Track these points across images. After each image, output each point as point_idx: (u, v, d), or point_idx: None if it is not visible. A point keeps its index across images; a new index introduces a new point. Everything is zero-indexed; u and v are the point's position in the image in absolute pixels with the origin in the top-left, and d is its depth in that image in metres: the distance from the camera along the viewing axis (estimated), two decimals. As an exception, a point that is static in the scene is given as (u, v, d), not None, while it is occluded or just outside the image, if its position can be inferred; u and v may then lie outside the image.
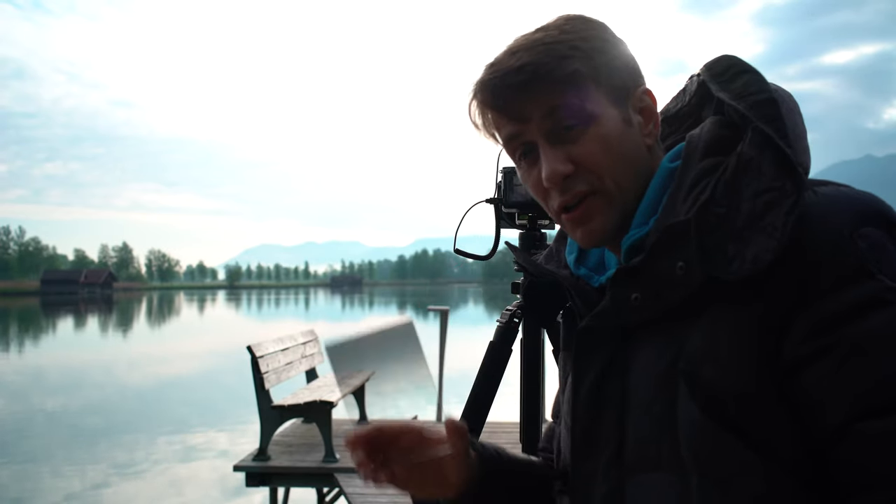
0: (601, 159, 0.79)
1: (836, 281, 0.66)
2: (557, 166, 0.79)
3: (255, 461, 5.64)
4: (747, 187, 0.70)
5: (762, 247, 0.67)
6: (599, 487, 0.80)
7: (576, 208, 0.81)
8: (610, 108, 0.80)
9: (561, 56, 0.78)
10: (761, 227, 0.68)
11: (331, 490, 6.25)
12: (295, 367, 6.71)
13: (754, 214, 0.69)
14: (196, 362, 20.54)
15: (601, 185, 0.80)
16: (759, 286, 0.68)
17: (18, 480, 8.30)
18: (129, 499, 7.59)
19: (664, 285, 0.73)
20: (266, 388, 5.74)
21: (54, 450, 9.76)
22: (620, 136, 0.80)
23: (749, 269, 0.67)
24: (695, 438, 0.69)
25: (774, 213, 0.68)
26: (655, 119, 0.85)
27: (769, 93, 0.74)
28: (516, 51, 0.80)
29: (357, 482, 5.20)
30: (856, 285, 0.65)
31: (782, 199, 0.68)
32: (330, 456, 5.63)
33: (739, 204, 0.70)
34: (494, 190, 1.86)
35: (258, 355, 5.78)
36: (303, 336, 7.29)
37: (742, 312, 0.69)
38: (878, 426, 0.62)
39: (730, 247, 0.69)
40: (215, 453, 9.46)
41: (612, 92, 0.81)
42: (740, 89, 0.77)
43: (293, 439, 6.39)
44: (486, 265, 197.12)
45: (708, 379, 0.69)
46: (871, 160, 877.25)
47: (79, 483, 8.14)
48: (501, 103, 0.81)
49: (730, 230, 0.70)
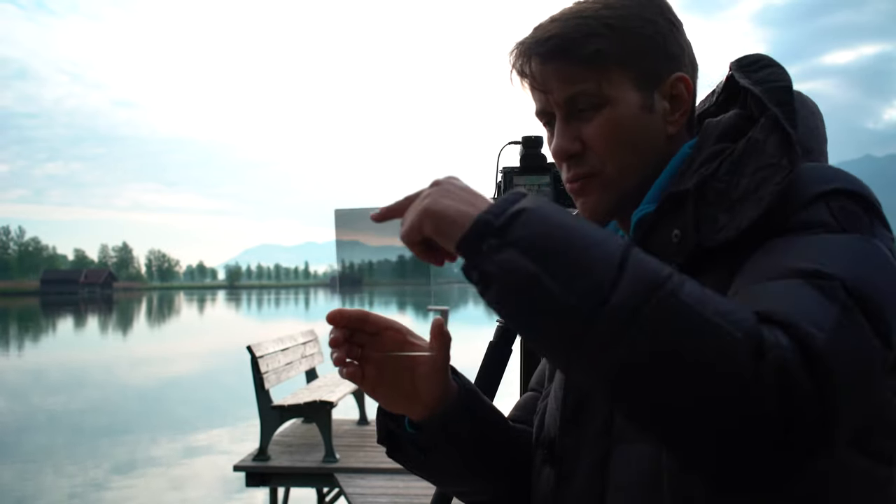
0: (607, 144, 0.81)
1: (795, 222, 0.70)
2: (565, 144, 0.82)
3: (255, 461, 5.64)
4: (749, 165, 0.74)
5: (747, 214, 0.71)
6: (586, 456, 0.81)
7: (575, 183, 0.84)
8: (631, 91, 0.81)
9: (589, 33, 0.79)
10: (753, 199, 0.71)
11: (331, 490, 6.25)
12: (295, 367, 6.72)
13: (749, 188, 0.72)
14: (196, 362, 20.54)
15: (602, 168, 0.82)
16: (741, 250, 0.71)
17: (20, 480, 8.30)
18: (129, 498, 7.59)
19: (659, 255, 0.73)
20: (266, 388, 5.75)
21: (55, 449, 9.76)
22: (634, 122, 0.81)
23: (732, 235, 0.71)
24: None
25: (766, 185, 0.71)
26: (685, 107, 0.85)
27: (787, 81, 0.78)
28: (555, 20, 0.82)
29: (357, 482, 5.20)
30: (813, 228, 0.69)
31: (776, 173, 0.71)
32: (330, 456, 5.63)
33: (739, 180, 0.74)
34: (494, 190, 1.86)
35: (258, 355, 5.78)
36: (303, 336, 7.30)
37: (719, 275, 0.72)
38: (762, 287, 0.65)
39: (721, 216, 0.73)
40: (215, 453, 9.46)
41: (638, 75, 0.81)
42: (762, 78, 0.80)
43: (293, 439, 6.39)
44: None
45: None
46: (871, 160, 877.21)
47: (80, 482, 8.14)
48: (526, 70, 0.83)
49: (726, 203, 0.73)
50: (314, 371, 7.42)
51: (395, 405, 0.87)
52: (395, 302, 0.87)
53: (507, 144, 1.84)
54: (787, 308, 0.60)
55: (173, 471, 8.70)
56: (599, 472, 0.79)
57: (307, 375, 7.32)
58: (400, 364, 0.83)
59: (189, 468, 8.82)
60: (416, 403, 0.86)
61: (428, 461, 0.91)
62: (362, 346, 0.81)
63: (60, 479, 8.29)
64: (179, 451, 9.66)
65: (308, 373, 7.31)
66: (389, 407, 0.88)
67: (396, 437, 0.91)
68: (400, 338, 0.83)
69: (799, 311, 0.59)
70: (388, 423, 0.92)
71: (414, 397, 0.85)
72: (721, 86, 0.92)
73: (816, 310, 0.60)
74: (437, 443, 0.87)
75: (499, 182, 1.85)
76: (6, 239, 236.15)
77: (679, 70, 0.84)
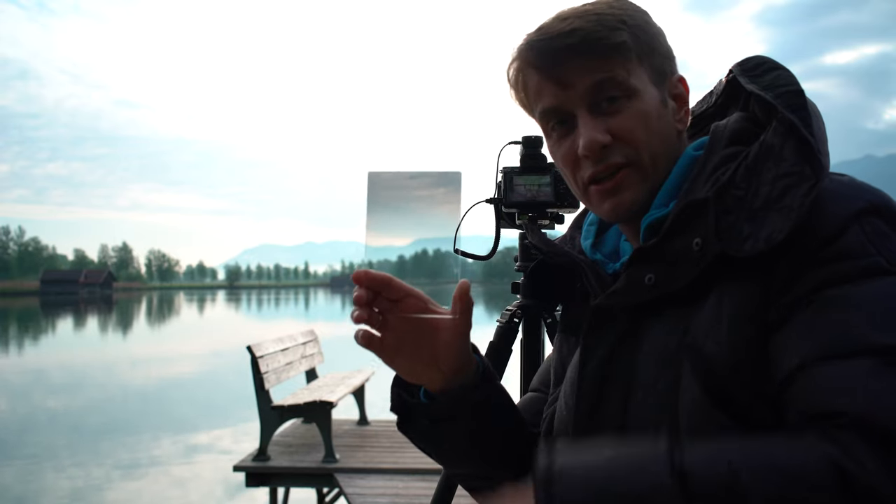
0: (640, 133, 0.81)
1: (835, 253, 0.68)
2: (597, 135, 0.80)
3: (255, 461, 5.64)
4: (767, 172, 0.72)
5: (776, 226, 0.69)
6: None
7: (608, 180, 0.82)
8: (650, 86, 0.82)
9: (611, 27, 0.79)
10: (778, 209, 0.70)
11: (331, 490, 6.25)
12: (295, 367, 6.71)
13: (772, 197, 0.71)
14: (196, 362, 20.52)
15: (637, 157, 0.81)
16: (769, 264, 0.70)
17: (21, 480, 8.30)
18: (129, 499, 7.59)
19: (679, 262, 0.75)
20: (266, 389, 5.74)
21: (55, 449, 9.75)
22: (658, 114, 0.82)
23: (762, 247, 0.69)
24: (694, 418, 0.70)
25: (792, 195, 0.69)
26: (686, 107, 0.88)
27: (797, 85, 0.77)
28: (567, 17, 0.81)
29: (357, 482, 5.20)
30: (852, 257, 0.67)
31: (801, 182, 0.69)
32: (330, 456, 5.62)
33: (758, 188, 0.72)
34: (494, 190, 1.86)
35: (258, 355, 5.77)
36: (303, 336, 7.29)
37: (747, 289, 0.70)
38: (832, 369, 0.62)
39: (745, 226, 0.71)
40: (216, 453, 9.46)
41: (652, 72, 0.83)
42: (770, 82, 0.79)
43: (293, 439, 6.39)
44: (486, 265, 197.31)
45: (709, 353, 0.70)
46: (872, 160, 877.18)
47: (81, 482, 8.14)
48: (548, 65, 0.81)
49: (747, 211, 0.72)
50: (314, 371, 7.41)
51: (414, 374, 0.87)
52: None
53: (508, 144, 1.84)
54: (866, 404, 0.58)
55: (173, 471, 8.69)
56: None
57: (307, 375, 7.32)
58: (421, 330, 0.83)
59: (189, 468, 8.82)
60: (435, 372, 0.86)
61: (436, 434, 0.91)
62: (383, 314, 0.80)
63: (60, 479, 8.29)
64: (179, 452, 9.66)
65: (308, 373, 7.31)
66: (408, 376, 0.88)
67: (409, 406, 0.91)
68: (422, 305, 0.81)
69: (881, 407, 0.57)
70: (402, 392, 0.92)
71: (433, 366, 0.85)
72: (721, 88, 0.92)
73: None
74: (451, 414, 0.88)
75: (499, 182, 1.85)
76: (6, 239, 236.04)
77: (676, 71, 0.87)
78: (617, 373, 0.81)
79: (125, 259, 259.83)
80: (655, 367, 0.76)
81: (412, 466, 5.46)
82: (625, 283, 0.80)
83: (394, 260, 0.88)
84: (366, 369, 7.44)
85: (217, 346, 24.65)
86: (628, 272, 0.80)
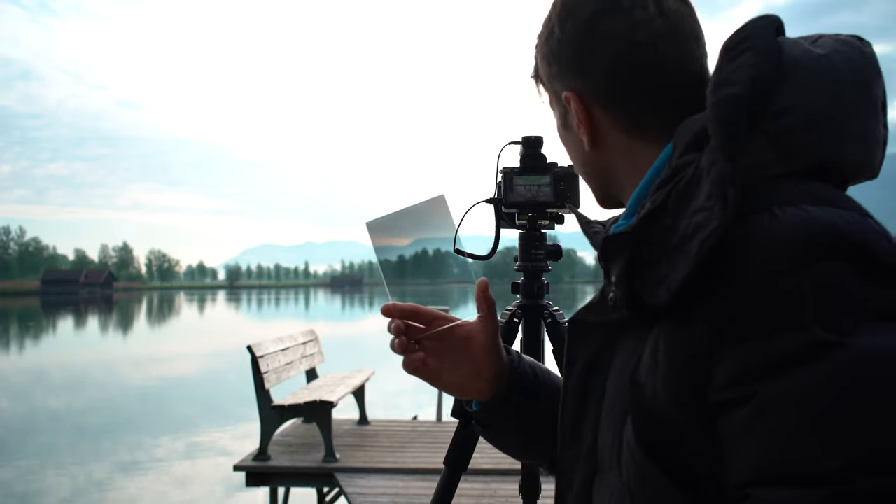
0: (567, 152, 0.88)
1: (763, 326, 0.56)
2: None
3: (256, 461, 5.64)
4: (693, 201, 0.63)
5: (678, 272, 0.61)
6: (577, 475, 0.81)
7: None
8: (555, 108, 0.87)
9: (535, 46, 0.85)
10: (684, 250, 0.61)
11: (331, 490, 6.25)
12: (295, 367, 6.71)
13: (686, 235, 0.62)
14: (196, 362, 20.53)
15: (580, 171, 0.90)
16: (690, 311, 0.61)
17: (23, 479, 8.30)
18: (130, 498, 7.59)
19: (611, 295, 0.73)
20: (266, 388, 5.74)
21: (56, 449, 9.76)
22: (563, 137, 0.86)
23: (663, 298, 0.62)
24: (630, 462, 0.66)
25: (696, 237, 0.60)
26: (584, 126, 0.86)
27: (741, 84, 0.63)
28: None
29: (357, 482, 5.20)
30: (782, 334, 0.55)
31: (708, 221, 0.60)
32: (330, 456, 5.62)
33: (681, 219, 0.63)
34: (494, 190, 1.86)
35: (258, 355, 5.77)
36: (303, 336, 7.29)
37: (676, 336, 0.62)
38: (770, 497, 0.53)
39: (663, 265, 0.63)
40: (216, 453, 9.46)
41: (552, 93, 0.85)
42: (726, 74, 0.65)
43: (293, 439, 6.38)
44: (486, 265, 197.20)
45: (647, 398, 0.64)
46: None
47: (81, 482, 8.14)
48: None
49: (667, 247, 0.64)
50: (314, 371, 7.41)
51: (462, 390, 0.93)
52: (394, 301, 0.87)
53: (508, 144, 1.84)
54: None
55: (173, 471, 8.70)
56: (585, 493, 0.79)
57: (307, 375, 7.32)
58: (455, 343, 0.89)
59: (189, 468, 8.82)
60: (481, 381, 0.91)
61: (494, 438, 0.99)
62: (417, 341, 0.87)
63: (61, 479, 8.29)
64: (180, 451, 9.66)
65: (308, 373, 7.31)
66: (457, 393, 0.94)
67: (466, 413, 0.99)
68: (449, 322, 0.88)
69: None
70: (462, 400, 0.99)
71: (476, 376, 0.90)
72: None
73: None
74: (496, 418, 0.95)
75: (499, 182, 1.85)
76: (6, 239, 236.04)
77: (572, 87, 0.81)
78: (593, 389, 0.79)
79: (125, 259, 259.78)
80: (614, 396, 0.73)
81: (412, 466, 5.46)
82: (597, 299, 0.78)
83: (394, 260, 0.89)
84: (366, 369, 7.45)
85: (217, 346, 24.66)
86: (602, 288, 0.78)
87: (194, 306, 75.50)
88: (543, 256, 1.90)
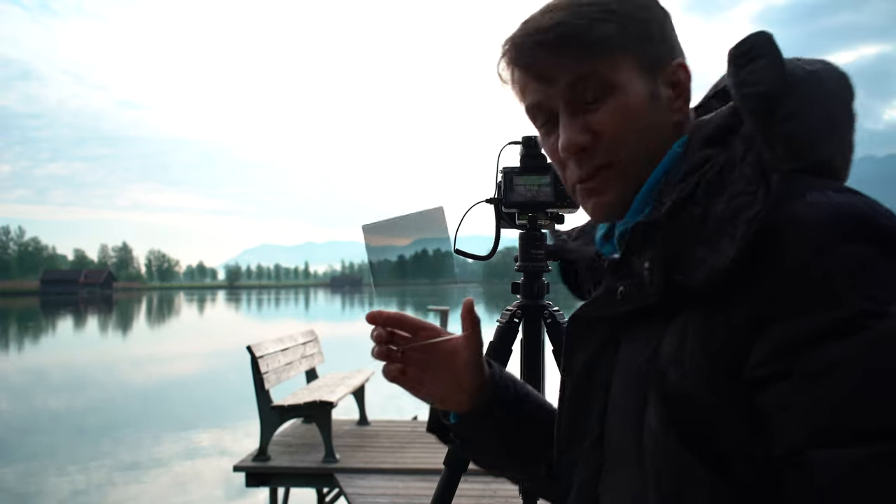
0: (620, 132, 0.76)
1: (803, 303, 0.60)
2: (575, 136, 0.76)
3: (255, 461, 5.64)
4: (729, 187, 0.68)
5: (722, 254, 0.64)
6: (579, 477, 0.81)
7: (590, 179, 0.79)
8: (637, 78, 0.76)
9: (593, 18, 0.75)
10: (727, 233, 0.65)
11: (331, 490, 6.25)
12: (295, 367, 6.71)
13: (724, 218, 0.66)
14: (196, 362, 20.53)
15: (616, 157, 0.77)
16: (728, 294, 0.64)
17: (22, 479, 8.30)
18: (129, 499, 7.59)
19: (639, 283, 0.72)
20: (266, 389, 5.74)
21: (56, 449, 9.75)
22: (643, 109, 0.77)
23: (706, 279, 0.65)
24: (654, 445, 0.67)
25: (739, 220, 0.64)
26: (686, 95, 0.81)
27: (765, 85, 0.69)
28: (551, 9, 0.77)
29: (357, 482, 5.20)
30: (821, 310, 0.59)
31: (751, 205, 0.64)
32: (330, 456, 5.62)
33: (717, 206, 0.67)
34: (494, 190, 1.86)
35: (258, 355, 5.77)
36: (303, 336, 7.29)
37: (710, 320, 0.65)
38: (830, 457, 0.57)
39: (699, 249, 0.66)
40: (216, 453, 9.46)
41: (642, 62, 0.77)
42: (745, 76, 0.71)
43: (293, 439, 6.38)
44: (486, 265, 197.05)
45: (672, 383, 0.66)
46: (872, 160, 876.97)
47: (81, 482, 8.14)
48: (529, 62, 0.78)
49: (702, 232, 0.67)
50: (314, 371, 7.41)
51: (441, 400, 0.93)
52: (395, 302, 0.88)
53: (508, 144, 1.84)
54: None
55: (173, 471, 8.69)
56: (590, 495, 0.79)
57: (307, 375, 7.31)
58: (439, 356, 0.89)
59: (189, 468, 8.82)
60: (461, 394, 0.91)
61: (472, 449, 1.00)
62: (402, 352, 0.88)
63: (61, 479, 8.29)
64: (179, 452, 9.65)
65: (308, 373, 7.31)
66: (437, 403, 0.94)
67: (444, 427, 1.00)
68: (434, 334, 0.89)
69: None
70: (439, 413, 0.99)
71: (457, 388, 0.91)
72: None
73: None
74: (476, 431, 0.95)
75: (499, 182, 1.85)
76: (6, 239, 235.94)
77: (678, 56, 0.80)
78: (596, 386, 0.79)
79: (125, 259, 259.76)
80: (625, 386, 0.74)
81: (412, 466, 5.46)
82: (602, 293, 0.78)
83: (394, 260, 0.89)
84: (366, 369, 7.44)
85: (217, 346, 24.64)
86: (606, 281, 0.78)
87: (194, 306, 75.48)
88: (543, 256, 1.90)
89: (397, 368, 0.88)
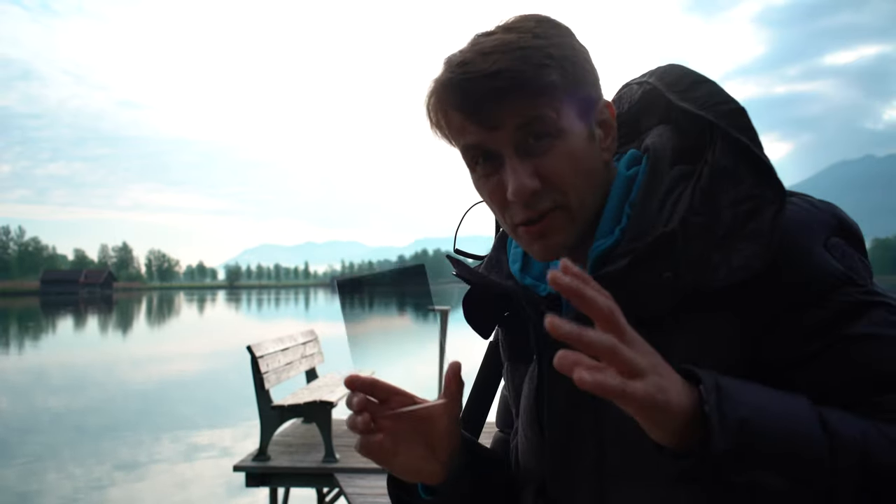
0: (568, 176, 0.77)
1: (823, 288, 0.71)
2: (526, 181, 0.76)
3: (255, 461, 5.63)
4: (725, 195, 0.72)
5: (750, 253, 0.69)
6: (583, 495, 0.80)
7: (538, 223, 0.78)
8: (577, 121, 0.77)
9: (538, 64, 0.74)
10: (745, 235, 0.70)
11: (331, 490, 6.24)
12: (295, 367, 6.71)
13: (736, 223, 0.71)
14: (196, 362, 20.52)
15: (565, 201, 0.78)
16: (739, 294, 0.71)
17: (22, 479, 8.30)
18: (130, 498, 7.59)
19: (650, 294, 0.72)
20: (266, 389, 5.74)
21: (56, 449, 9.75)
22: (585, 152, 0.78)
23: (739, 276, 0.70)
24: None
25: (758, 220, 0.70)
26: (613, 133, 0.83)
27: (736, 102, 0.76)
28: (490, 52, 0.74)
29: (357, 482, 5.20)
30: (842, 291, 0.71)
31: (765, 206, 0.71)
32: (330, 456, 5.62)
33: (719, 212, 0.72)
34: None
35: (258, 355, 5.77)
36: (303, 336, 7.29)
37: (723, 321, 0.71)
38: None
39: (714, 255, 0.71)
40: (216, 453, 9.46)
41: (580, 105, 0.78)
42: (705, 99, 0.77)
43: (293, 439, 6.38)
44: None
45: None
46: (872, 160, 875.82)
47: (81, 482, 8.14)
48: (472, 108, 0.76)
49: (712, 239, 0.71)
50: (314, 371, 7.41)
51: (414, 472, 0.84)
52: (395, 302, 0.87)
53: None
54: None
55: (173, 471, 8.69)
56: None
57: (307, 375, 7.32)
58: (413, 424, 0.81)
59: (189, 468, 8.82)
60: (434, 464, 0.83)
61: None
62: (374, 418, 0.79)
63: (61, 479, 8.29)
64: (179, 452, 9.66)
65: (308, 373, 7.31)
66: (408, 475, 0.85)
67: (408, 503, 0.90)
68: (407, 401, 0.80)
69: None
70: (400, 493, 0.90)
71: (430, 459, 0.83)
72: (635, 97, 0.89)
73: None
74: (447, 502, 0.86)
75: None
76: (6, 239, 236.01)
77: (601, 95, 0.82)
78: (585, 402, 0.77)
79: (125, 259, 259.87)
80: None
81: (412, 466, 5.45)
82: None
83: (394, 260, 0.88)
84: (366, 370, 7.43)
85: (217, 346, 24.64)
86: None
87: (194, 306, 75.46)
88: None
89: (378, 441, 0.78)
